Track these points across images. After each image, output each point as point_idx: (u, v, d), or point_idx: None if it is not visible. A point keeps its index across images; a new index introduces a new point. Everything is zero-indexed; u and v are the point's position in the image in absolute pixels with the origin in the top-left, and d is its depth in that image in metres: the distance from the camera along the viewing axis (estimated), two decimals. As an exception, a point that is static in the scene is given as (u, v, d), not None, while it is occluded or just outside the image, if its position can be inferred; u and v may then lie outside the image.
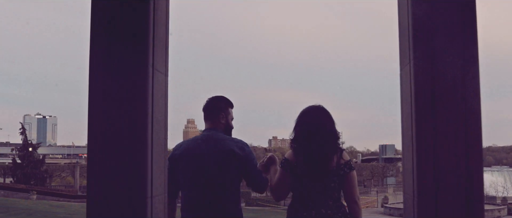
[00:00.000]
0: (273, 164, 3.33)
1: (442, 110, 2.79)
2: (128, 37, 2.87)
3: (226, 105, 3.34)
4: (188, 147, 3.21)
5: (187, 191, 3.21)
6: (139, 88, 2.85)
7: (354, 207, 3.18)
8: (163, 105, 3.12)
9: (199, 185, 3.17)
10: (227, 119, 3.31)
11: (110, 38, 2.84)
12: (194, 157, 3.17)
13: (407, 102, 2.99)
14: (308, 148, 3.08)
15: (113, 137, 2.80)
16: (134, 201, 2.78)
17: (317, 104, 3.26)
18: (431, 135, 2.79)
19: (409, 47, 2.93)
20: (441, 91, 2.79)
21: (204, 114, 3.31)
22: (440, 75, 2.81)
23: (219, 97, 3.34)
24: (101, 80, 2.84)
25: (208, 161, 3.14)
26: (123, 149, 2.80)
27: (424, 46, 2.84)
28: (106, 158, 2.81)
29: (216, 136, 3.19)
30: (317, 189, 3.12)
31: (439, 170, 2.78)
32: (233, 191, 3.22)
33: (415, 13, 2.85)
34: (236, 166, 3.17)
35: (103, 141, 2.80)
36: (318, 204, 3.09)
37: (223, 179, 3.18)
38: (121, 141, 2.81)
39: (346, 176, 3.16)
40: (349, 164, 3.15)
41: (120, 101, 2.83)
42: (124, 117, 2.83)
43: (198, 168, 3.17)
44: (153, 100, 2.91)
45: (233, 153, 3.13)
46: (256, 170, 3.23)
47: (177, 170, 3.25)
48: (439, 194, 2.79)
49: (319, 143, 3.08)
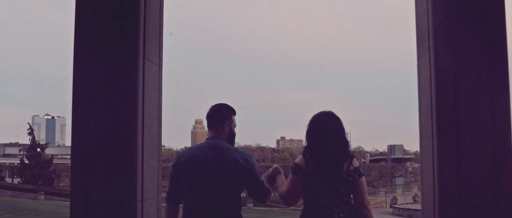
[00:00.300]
0: (279, 174, 3.46)
1: (466, 104, 2.50)
2: (115, 26, 2.61)
3: (229, 113, 3.35)
4: (193, 154, 3.18)
5: (190, 197, 3.18)
6: (127, 80, 2.58)
7: (365, 211, 3.15)
8: (157, 99, 2.85)
9: (202, 192, 3.17)
10: (230, 127, 3.33)
11: (96, 28, 2.58)
12: (199, 164, 3.15)
13: (426, 96, 2.69)
14: (322, 155, 3.13)
15: (98, 135, 2.54)
16: (123, 204, 2.51)
17: (328, 110, 3.28)
18: (454, 131, 2.49)
19: (429, 34, 2.64)
20: (464, 83, 2.50)
21: (207, 122, 3.34)
22: (463, 66, 2.52)
23: (223, 105, 3.35)
24: (85, 74, 2.57)
25: (213, 169, 3.15)
26: (110, 149, 2.53)
27: (445, 34, 2.55)
28: (91, 159, 2.54)
29: (221, 144, 3.23)
30: (328, 193, 3.13)
31: (463, 170, 2.49)
32: (234, 199, 3.24)
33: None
34: (239, 176, 3.19)
35: (88, 140, 2.54)
36: (330, 209, 3.12)
37: (226, 187, 3.18)
38: (107, 140, 2.54)
39: (355, 182, 3.14)
40: (358, 170, 3.15)
41: (107, 96, 2.56)
42: (110, 113, 2.56)
43: (203, 175, 3.15)
44: (144, 93, 2.64)
45: (238, 163, 3.16)
46: (259, 180, 3.28)
47: (181, 176, 3.17)
48: (462, 196, 2.50)
49: (333, 151, 3.12)
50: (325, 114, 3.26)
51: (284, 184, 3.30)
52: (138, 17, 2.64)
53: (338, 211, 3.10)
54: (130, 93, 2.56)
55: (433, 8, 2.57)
